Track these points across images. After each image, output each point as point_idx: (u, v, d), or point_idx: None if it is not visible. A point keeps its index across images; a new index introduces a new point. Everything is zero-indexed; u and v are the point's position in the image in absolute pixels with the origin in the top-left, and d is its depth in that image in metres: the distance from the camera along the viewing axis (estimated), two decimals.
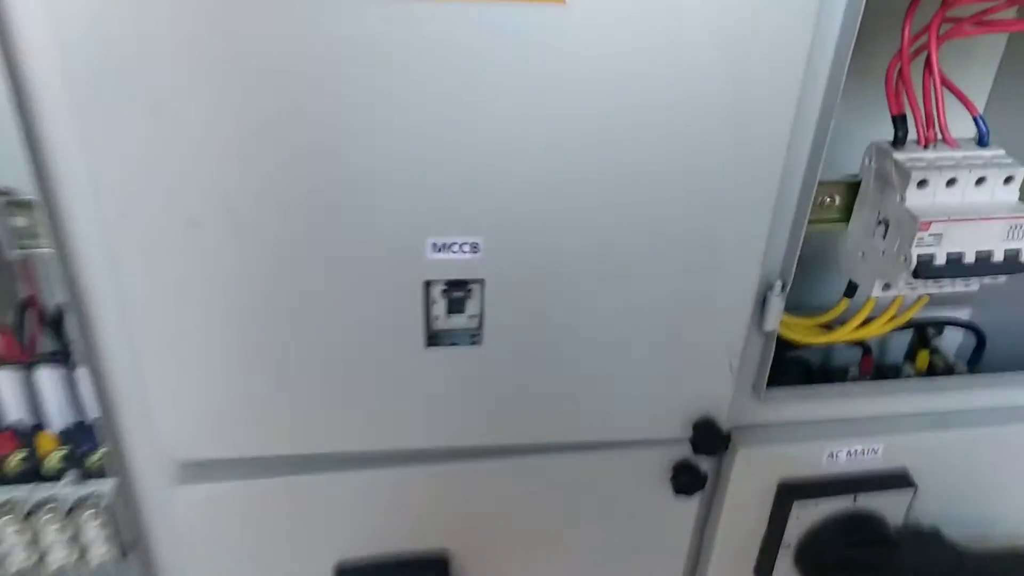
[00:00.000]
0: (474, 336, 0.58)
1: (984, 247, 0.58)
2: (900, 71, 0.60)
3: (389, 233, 0.53)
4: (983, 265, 0.58)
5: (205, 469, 0.62)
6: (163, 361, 0.57)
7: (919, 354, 0.87)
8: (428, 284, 0.55)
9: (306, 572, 0.67)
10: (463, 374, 0.60)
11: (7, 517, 0.74)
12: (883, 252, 0.61)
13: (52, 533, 0.75)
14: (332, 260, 0.54)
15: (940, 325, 0.87)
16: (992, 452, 0.72)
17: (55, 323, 0.73)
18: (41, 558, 0.77)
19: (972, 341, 0.85)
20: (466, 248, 0.54)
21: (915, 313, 0.68)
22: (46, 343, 0.74)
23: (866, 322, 0.69)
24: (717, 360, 0.62)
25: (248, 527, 0.65)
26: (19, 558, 0.77)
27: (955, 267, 0.58)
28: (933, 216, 0.57)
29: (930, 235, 0.57)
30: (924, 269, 0.58)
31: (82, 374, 0.72)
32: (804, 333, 0.69)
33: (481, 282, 0.56)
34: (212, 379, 0.57)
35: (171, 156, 0.49)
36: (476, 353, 0.59)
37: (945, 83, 0.60)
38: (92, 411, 0.72)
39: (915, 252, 0.58)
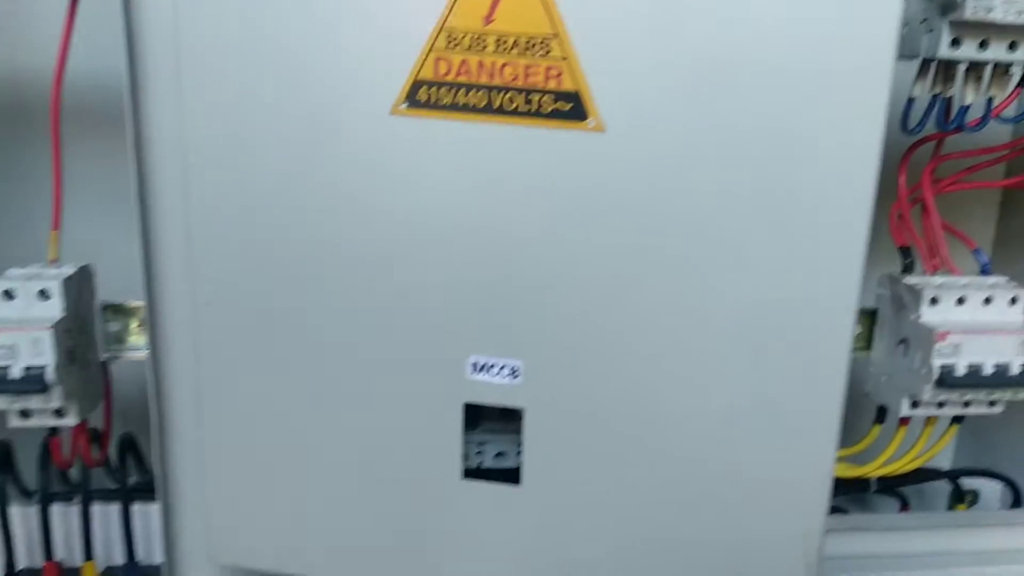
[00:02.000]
0: (513, 474, 0.57)
1: (1001, 359, 0.62)
2: (900, 215, 0.68)
3: (430, 348, 0.54)
4: (1001, 376, 0.61)
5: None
6: (224, 470, 0.59)
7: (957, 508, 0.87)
8: (467, 407, 0.55)
9: None
10: (499, 517, 0.57)
11: None
12: (907, 370, 0.64)
13: None
14: (373, 376, 0.55)
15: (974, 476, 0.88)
16: None
17: (125, 450, 0.77)
18: None
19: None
20: (506, 372, 0.54)
21: (947, 445, 0.70)
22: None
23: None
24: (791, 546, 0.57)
25: None
26: None
27: (976, 377, 0.61)
28: (949, 328, 0.62)
29: (948, 345, 0.61)
30: (947, 378, 0.60)
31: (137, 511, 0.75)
32: (842, 466, 0.71)
33: (521, 412, 0.55)
34: (259, 490, 0.59)
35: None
36: (513, 494, 0.57)
37: (945, 227, 0.68)
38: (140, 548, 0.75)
39: (936, 363, 0.61)
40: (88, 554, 0.77)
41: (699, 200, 0.50)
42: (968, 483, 0.89)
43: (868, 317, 0.68)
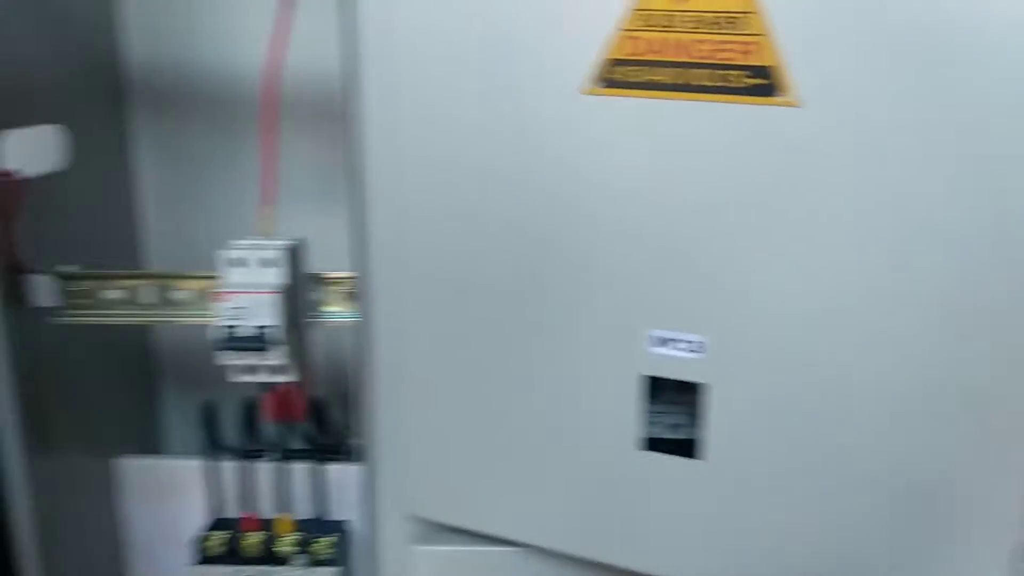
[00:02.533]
0: (693, 448, 0.57)
1: None
2: None
3: (610, 317, 0.56)
4: None
5: (442, 534, 0.68)
6: (422, 431, 0.64)
7: None
8: (646, 380, 0.57)
9: None
10: (678, 490, 0.58)
11: None
12: None
13: None
14: (560, 345, 0.58)
15: None
16: None
17: (318, 412, 0.85)
18: None
19: None
20: (690, 347, 0.55)
21: None
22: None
23: None
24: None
25: None
26: None
27: None
28: None
29: None
30: None
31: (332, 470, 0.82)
32: None
33: (704, 388, 0.55)
34: (452, 450, 0.64)
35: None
36: (694, 469, 0.57)
37: None
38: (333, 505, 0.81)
39: None
40: (284, 507, 0.85)
41: (900, 175, 0.49)
42: None
43: None
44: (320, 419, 0.86)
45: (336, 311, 0.70)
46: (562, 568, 0.66)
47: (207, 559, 0.84)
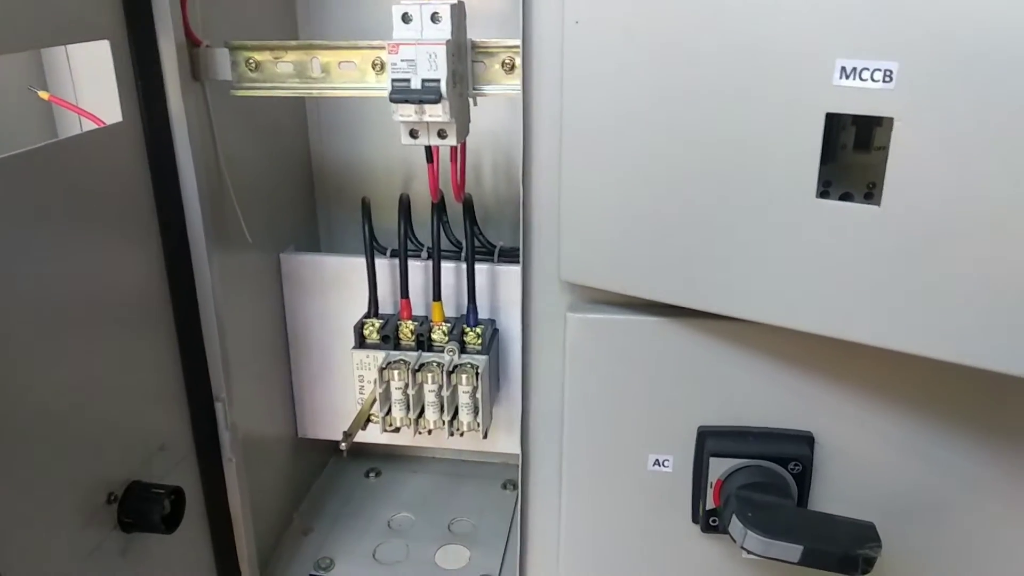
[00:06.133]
0: (870, 190, 0.55)
1: None
2: None
3: (793, 49, 0.52)
4: None
5: (595, 303, 0.69)
6: (576, 191, 0.64)
7: None
8: (830, 118, 0.53)
9: (670, 427, 0.71)
10: (853, 241, 0.55)
11: (398, 371, 0.86)
12: None
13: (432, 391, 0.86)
14: (733, 77, 0.54)
15: None
16: None
17: (470, 212, 0.87)
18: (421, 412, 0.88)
19: None
20: (877, 76, 0.51)
21: None
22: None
23: None
24: None
25: (623, 364, 0.70)
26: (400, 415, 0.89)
27: None
28: None
29: None
30: None
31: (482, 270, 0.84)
32: None
33: (889, 121, 0.52)
34: (613, 209, 0.63)
35: None
36: (870, 215, 0.54)
37: None
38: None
39: None
40: (436, 296, 0.89)
41: None
42: None
43: None
44: (469, 219, 0.88)
45: (497, 85, 0.70)
46: (702, 334, 0.67)
47: (365, 344, 0.90)
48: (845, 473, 0.69)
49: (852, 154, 0.64)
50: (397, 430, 0.90)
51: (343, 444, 0.81)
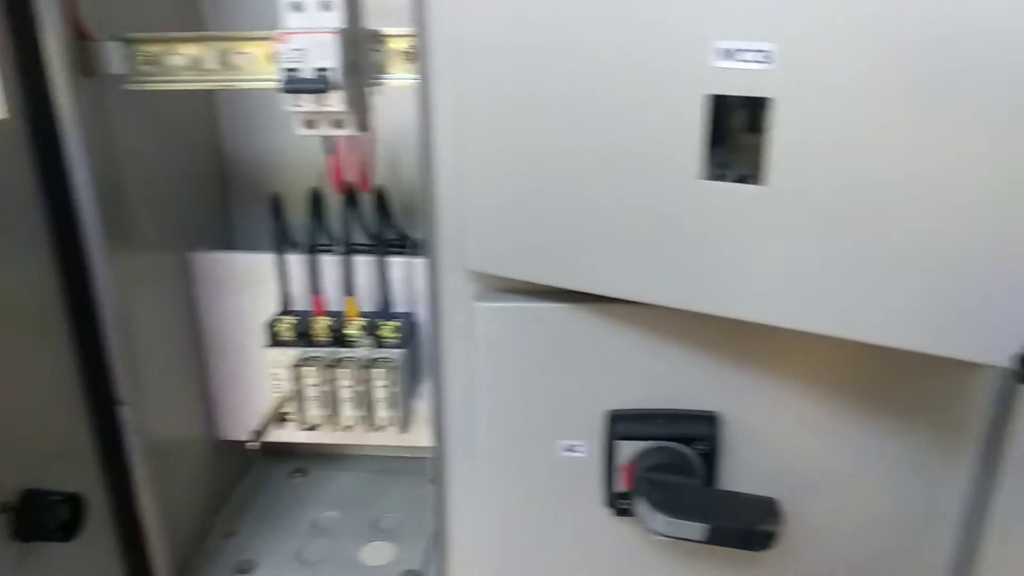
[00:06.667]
0: (758, 173, 0.54)
1: None
2: None
3: (672, 32, 0.53)
4: None
5: (503, 291, 0.69)
6: (475, 179, 0.64)
7: None
8: (715, 100, 0.54)
9: (581, 413, 0.71)
10: (741, 223, 0.56)
11: (312, 368, 0.85)
12: None
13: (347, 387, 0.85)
14: (612, 64, 0.55)
15: None
16: None
17: (381, 203, 0.86)
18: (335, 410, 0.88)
19: None
20: (754, 57, 0.51)
21: None
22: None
23: None
24: None
25: (532, 351, 0.70)
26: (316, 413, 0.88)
27: None
28: None
29: None
30: None
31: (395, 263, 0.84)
32: None
33: (769, 102, 0.52)
34: (511, 196, 0.63)
35: None
36: (756, 195, 0.55)
37: None
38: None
39: None
40: (349, 290, 0.88)
41: None
42: None
43: None
44: (383, 212, 0.87)
45: (396, 75, 0.70)
46: (609, 318, 0.67)
47: (278, 342, 0.88)
48: (751, 451, 0.71)
49: (748, 136, 0.65)
50: (315, 428, 0.89)
51: (251, 443, 0.80)
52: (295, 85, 0.62)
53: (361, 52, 0.68)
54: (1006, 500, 0.68)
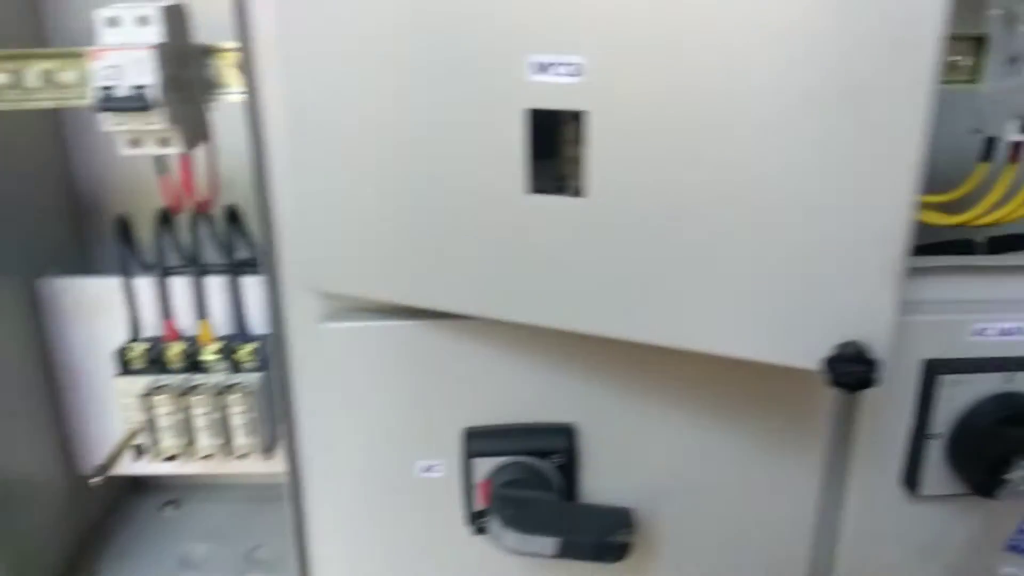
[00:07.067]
0: (576, 184, 0.54)
1: None
2: None
3: (486, 48, 0.52)
4: None
5: (350, 310, 0.68)
6: (310, 196, 0.62)
7: None
8: (530, 113, 0.53)
9: (438, 432, 0.70)
10: (568, 236, 0.56)
11: (164, 396, 0.82)
12: (1017, 89, 0.60)
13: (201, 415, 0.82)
14: (436, 83, 0.54)
15: None
16: None
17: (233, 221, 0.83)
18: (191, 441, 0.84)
19: None
20: (566, 71, 0.51)
21: None
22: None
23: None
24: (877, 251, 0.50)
25: (383, 371, 0.68)
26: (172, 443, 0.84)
27: None
28: None
29: None
30: None
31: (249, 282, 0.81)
32: (933, 214, 0.67)
33: (584, 115, 0.52)
34: (350, 216, 0.61)
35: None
36: (578, 208, 0.55)
37: None
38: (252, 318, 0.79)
39: None
40: (202, 315, 0.84)
41: None
42: None
43: (975, 43, 0.63)
44: (235, 231, 0.84)
45: (230, 89, 0.67)
46: (460, 335, 0.66)
47: (130, 370, 0.84)
48: (610, 461, 0.71)
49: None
50: (173, 458, 0.85)
51: (94, 480, 0.75)
52: (110, 104, 0.59)
53: (188, 67, 0.65)
54: (855, 503, 0.70)
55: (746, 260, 0.52)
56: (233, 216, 0.83)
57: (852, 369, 0.48)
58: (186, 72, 0.65)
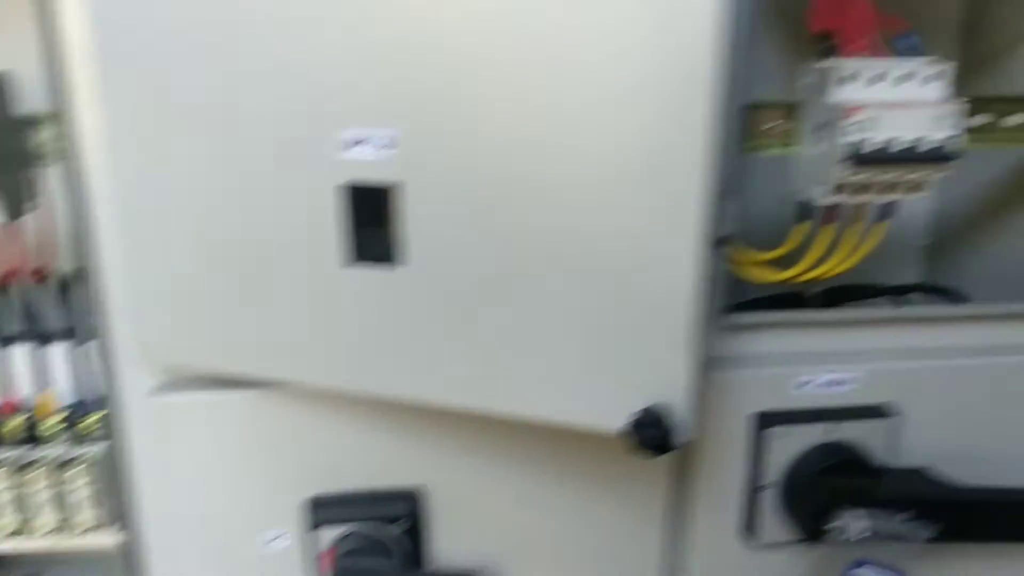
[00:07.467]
0: (394, 255, 0.55)
1: (916, 134, 0.60)
2: None
3: (300, 125, 0.53)
4: (911, 152, 0.60)
5: (186, 381, 0.67)
6: (138, 267, 0.61)
7: None
8: (349, 188, 0.54)
9: (282, 501, 0.68)
10: (386, 304, 0.56)
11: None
12: (824, 156, 0.63)
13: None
14: (254, 160, 0.55)
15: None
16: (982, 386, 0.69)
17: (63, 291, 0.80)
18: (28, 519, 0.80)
19: None
20: (379, 144, 0.52)
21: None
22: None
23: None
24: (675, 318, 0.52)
25: (221, 442, 0.67)
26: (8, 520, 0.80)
27: (884, 154, 0.60)
28: (859, 104, 0.60)
29: (859, 122, 0.59)
30: (856, 155, 0.59)
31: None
32: (760, 271, 0.70)
33: (399, 187, 0.53)
34: (179, 287, 0.61)
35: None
36: (394, 277, 0.55)
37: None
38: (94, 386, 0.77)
39: (846, 140, 0.59)
40: (42, 386, 0.81)
41: None
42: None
43: (787, 109, 0.67)
44: (66, 299, 0.82)
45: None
46: (300, 403, 0.65)
47: None
48: (457, 523, 0.70)
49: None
50: (16, 534, 0.81)
51: None
52: None
53: (9, 138, 0.63)
54: (698, 553, 0.72)
55: (549, 326, 0.53)
56: (68, 286, 0.81)
57: (650, 434, 0.49)
58: (6, 143, 0.63)
